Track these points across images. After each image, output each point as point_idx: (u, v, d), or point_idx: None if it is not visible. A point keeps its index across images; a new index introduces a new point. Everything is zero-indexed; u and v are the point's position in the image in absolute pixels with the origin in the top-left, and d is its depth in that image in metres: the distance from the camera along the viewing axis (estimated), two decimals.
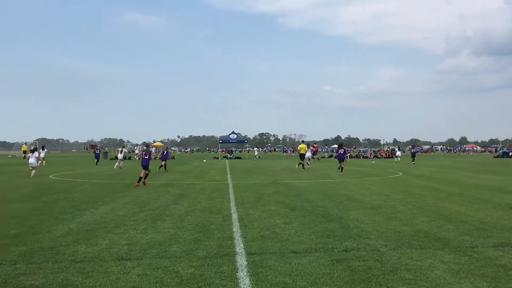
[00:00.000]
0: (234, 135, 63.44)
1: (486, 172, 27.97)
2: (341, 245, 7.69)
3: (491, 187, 17.93)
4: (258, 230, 8.99)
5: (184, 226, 9.49)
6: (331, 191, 16.25)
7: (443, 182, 20.51)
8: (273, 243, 7.82)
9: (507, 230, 8.94)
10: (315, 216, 10.70)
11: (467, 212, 11.21)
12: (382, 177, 24.06)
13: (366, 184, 19.48)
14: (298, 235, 8.50)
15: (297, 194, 15.26)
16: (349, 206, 12.42)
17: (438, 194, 15.24)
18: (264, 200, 13.68)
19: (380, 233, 8.64)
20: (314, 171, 29.92)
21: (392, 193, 15.56)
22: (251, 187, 17.93)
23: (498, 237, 8.27)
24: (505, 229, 9.00)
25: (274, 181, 20.80)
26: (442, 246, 7.59)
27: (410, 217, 10.48)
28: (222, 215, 10.85)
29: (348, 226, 9.36)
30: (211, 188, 17.57)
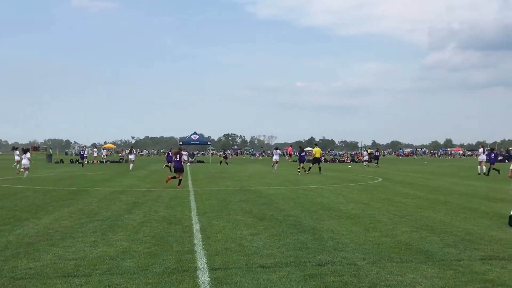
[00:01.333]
0: (196, 136, 63.18)
1: (473, 178, 28.56)
2: (315, 258, 7.74)
3: (479, 194, 18.32)
4: (222, 242, 8.98)
5: (138, 238, 9.40)
6: (304, 199, 16.34)
7: (426, 189, 20.86)
8: (239, 257, 7.81)
9: (495, 241, 9.14)
10: (286, 226, 10.74)
11: (452, 222, 11.42)
12: (360, 183, 24.32)
13: (342, 191, 19.66)
14: (267, 247, 8.52)
15: (266, 202, 15.29)
16: (324, 215, 12.51)
17: (421, 202, 15.49)
18: (229, 209, 13.67)
19: (357, 245, 8.73)
20: (286, 176, 30.05)
21: (371, 201, 15.75)
22: (215, 195, 17.89)
23: (485, 250, 8.44)
24: (493, 241, 9.20)
25: (241, 188, 20.80)
26: (425, 260, 7.71)
27: (390, 228, 10.62)
28: (182, 226, 10.79)
29: (323, 238, 9.42)
30: (169, 196, 17.47)
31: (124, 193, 18.64)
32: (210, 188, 21.07)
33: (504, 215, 12.58)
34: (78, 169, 40.32)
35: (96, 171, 37.13)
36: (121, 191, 19.30)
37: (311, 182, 24.47)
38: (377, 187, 21.94)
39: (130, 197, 17.08)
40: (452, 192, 19.14)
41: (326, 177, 28.95)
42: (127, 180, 26.05)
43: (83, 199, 16.30)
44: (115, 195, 17.87)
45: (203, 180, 26.75)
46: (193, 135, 63.18)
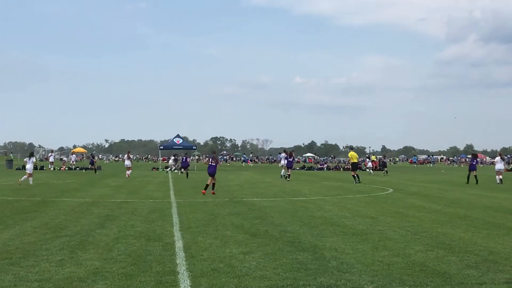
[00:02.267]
0: (180, 140, 63.22)
1: (498, 190, 28.68)
2: (315, 281, 7.74)
3: (503, 208, 18.40)
4: (209, 262, 8.96)
5: (112, 257, 9.38)
6: (303, 212, 16.36)
7: (443, 201, 20.92)
8: (228, 279, 7.80)
9: None
10: (282, 244, 10.74)
11: (474, 240, 11.45)
12: (367, 194, 24.37)
13: (347, 203, 19.70)
14: (261, 268, 8.51)
15: (259, 216, 15.30)
16: (326, 231, 12.52)
17: (438, 217, 15.53)
18: (217, 223, 13.67)
19: (364, 266, 8.73)
20: (282, 186, 30.06)
21: (380, 215, 15.78)
22: (201, 207, 17.88)
23: (511, 272, 8.47)
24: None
25: (231, 199, 20.80)
26: (442, 283, 7.72)
27: (402, 246, 10.64)
28: (163, 243, 10.77)
29: (324, 257, 9.43)
30: (148, 208, 17.45)
31: (95, 204, 18.60)
32: (196, 199, 21.05)
33: None
34: (44, 176, 40.20)
35: (64, 179, 37.06)
36: (92, 202, 19.25)
37: (311, 193, 24.49)
38: (387, 199, 21.98)
39: (102, 209, 17.04)
40: (473, 206, 19.20)
41: (328, 188, 29.00)
42: (100, 190, 25.99)
43: (49, 211, 16.25)
44: (86, 206, 17.82)
45: (187, 190, 26.73)
46: (175, 139, 63.22)
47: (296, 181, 36.15)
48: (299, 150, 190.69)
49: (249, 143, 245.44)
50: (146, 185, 30.30)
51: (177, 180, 36.87)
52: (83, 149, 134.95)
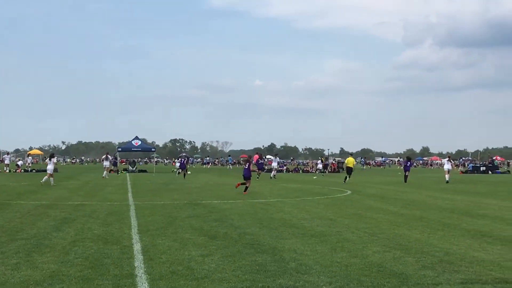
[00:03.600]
0: (138, 142, 62.71)
1: (453, 191, 29.15)
2: (274, 283, 7.76)
3: (458, 209, 18.71)
4: (167, 264, 8.93)
5: (69, 260, 9.28)
6: (262, 214, 16.40)
7: (400, 203, 21.19)
8: (187, 282, 7.78)
9: (477, 263, 9.34)
10: (241, 246, 10.75)
11: (430, 241, 11.63)
12: (326, 196, 24.53)
13: (306, 205, 19.80)
14: (220, 270, 8.51)
15: (219, 218, 15.28)
16: (285, 233, 12.57)
17: (395, 218, 15.73)
18: (176, 226, 13.61)
19: (323, 267, 8.79)
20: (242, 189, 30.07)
21: (338, 217, 15.90)
22: (159, 209, 17.79)
23: (466, 272, 8.61)
24: (474, 262, 9.40)
25: (191, 202, 20.74)
26: (399, 283, 7.82)
27: (360, 247, 10.74)
28: (121, 246, 10.69)
29: (284, 259, 9.46)
30: (106, 211, 17.29)
31: (52, 207, 18.35)
32: (154, 201, 20.93)
33: (486, 233, 12.90)
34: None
35: (19, 181, 36.45)
36: (48, 205, 18.99)
37: (270, 195, 24.56)
38: (345, 201, 22.16)
39: (59, 212, 16.82)
40: (429, 207, 19.49)
41: (288, 190, 29.10)
42: (56, 192, 25.64)
43: (4, 214, 15.99)
44: (42, 209, 17.57)
45: (145, 192, 26.55)
46: (134, 141, 62.68)
47: (255, 183, 36.21)
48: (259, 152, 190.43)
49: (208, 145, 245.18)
50: (104, 188, 30.00)
51: (135, 182, 36.59)
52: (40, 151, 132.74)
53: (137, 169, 62.75)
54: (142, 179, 41.47)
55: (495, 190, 31.40)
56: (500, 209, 18.81)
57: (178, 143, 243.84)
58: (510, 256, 9.98)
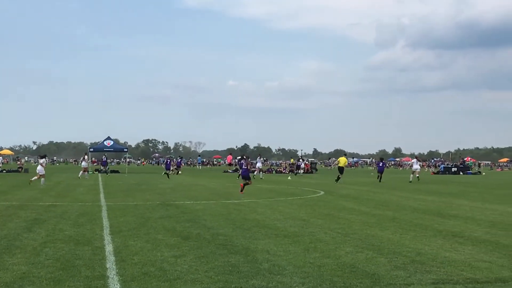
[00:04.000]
0: (110, 142, 62.35)
1: (425, 192, 29.41)
2: (247, 284, 7.76)
3: (430, 210, 18.88)
4: (140, 266, 8.89)
5: (40, 261, 9.19)
6: (235, 215, 16.39)
7: (373, 203, 21.33)
8: (159, 283, 7.75)
9: (448, 263, 9.44)
10: (214, 247, 10.74)
11: (402, 241, 11.72)
12: (299, 197, 24.60)
13: (279, 206, 19.83)
14: (193, 271, 8.49)
15: (192, 219, 15.24)
16: (258, 233, 12.58)
17: (367, 219, 15.82)
18: (149, 227, 13.55)
19: (296, 268, 8.81)
20: (215, 189, 30.06)
21: (311, 218, 15.95)
22: (131, 210, 17.69)
23: (437, 272, 8.70)
24: (446, 262, 9.49)
25: (163, 202, 20.66)
26: (372, 284, 7.87)
27: (333, 248, 10.79)
28: (92, 247, 10.62)
29: (257, 260, 9.47)
30: (77, 212, 17.14)
31: (23, 208, 18.16)
32: (126, 202, 20.82)
33: (457, 233, 13.04)
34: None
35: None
36: (19, 206, 18.79)
37: (244, 196, 24.56)
38: (318, 201, 22.24)
39: (30, 212, 16.65)
40: (401, 208, 19.64)
41: (261, 190, 29.12)
42: (27, 193, 25.36)
43: None
44: (12, 210, 17.38)
45: (118, 193, 26.38)
46: (106, 141, 62.32)
47: (229, 183, 36.20)
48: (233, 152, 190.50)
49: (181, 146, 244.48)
50: (75, 188, 29.76)
51: (107, 183, 36.35)
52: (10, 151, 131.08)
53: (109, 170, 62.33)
54: (114, 180, 41.20)
55: (466, 190, 31.75)
56: (471, 210, 19.02)
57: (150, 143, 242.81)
58: (481, 256, 10.10)
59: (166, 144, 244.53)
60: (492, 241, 11.86)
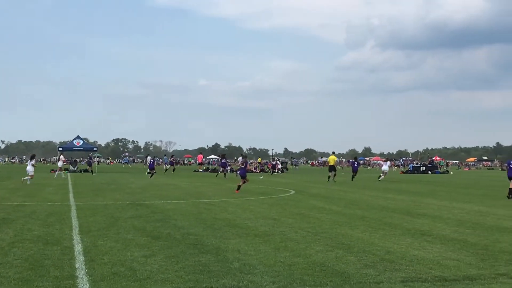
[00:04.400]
0: (80, 141, 61.84)
1: (394, 191, 29.68)
2: (218, 283, 7.76)
3: (399, 209, 19.05)
4: (109, 265, 8.83)
5: (8, 261, 9.09)
6: (206, 215, 16.36)
7: (343, 202, 21.45)
8: (129, 283, 7.71)
9: (417, 261, 9.54)
10: (185, 246, 10.71)
11: (371, 240, 11.81)
12: (270, 196, 24.64)
13: (250, 205, 19.85)
14: (163, 271, 8.46)
15: (162, 219, 15.18)
16: (229, 233, 12.58)
17: (337, 218, 15.91)
18: (118, 227, 13.47)
19: (266, 267, 8.83)
20: (186, 189, 29.96)
21: (282, 217, 15.99)
22: (101, 210, 17.56)
23: (406, 271, 8.78)
24: (415, 261, 9.59)
25: (133, 202, 20.54)
26: (342, 282, 7.92)
27: (303, 247, 10.83)
28: (61, 247, 10.52)
29: (227, 259, 9.47)
30: (46, 211, 16.97)
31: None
32: (96, 202, 20.65)
33: (426, 232, 13.17)
34: None
35: None
36: None
37: (214, 195, 24.53)
38: (289, 200, 22.30)
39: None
40: (371, 207, 19.79)
41: (232, 190, 29.10)
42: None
43: None
44: None
45: (87, 192, 26.15)
46: (76, 140, 61.80)
47: (199, 183, 36.13)
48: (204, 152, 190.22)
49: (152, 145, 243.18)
50: (44, 188, 29.43)
51: (77, 182, 36.02)
52: None
53: (78, 169, 61.80)
54: (84, 180, 40.84)
55: (434, 189, 32.10)
56: (439, 209, 19.24)
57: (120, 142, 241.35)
58: (449, 254, 10.23)
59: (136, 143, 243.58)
60: (460, 240, 12.02)
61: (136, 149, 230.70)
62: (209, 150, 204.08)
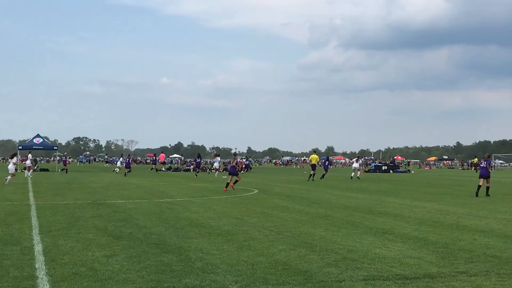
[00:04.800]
0: (39, 140, 61.02)
1: (356, 190, 29.94)
2: (180, 283, 7.73)
3: (361, 208, 19.22)
4: (70, 266, 8.73)
5: None
6: (169, 214, 16.29)
7: (306, 201, 21.56)
8: (90, 283, 7.63)
9: (378, 260, 9.63)
10: (147, 246, 10.65)
11: (334, 239, 11.89)
12: (233, 195, 24.62)
13: (213, 204, 19.82)
14: (125, 271, 8.40)
15: (124, 218, 15.08)
16: (192, 232, 12.54)
17: (300, 217, 15.99)
18: (79, 226, 13.33)
19: (229, 266, 8.83)
20: (148, 188, 29.81)
21: (245, 216, 16.00)
22: (62, 209, 17.36)
23: (368, 269, 8.86)
24: (376, 259, 9.68)
25: (94, 201, 20.34)
26: (304, 281, 7.95)
27: (266, 246, 10.85)
28: (21, 247, 10.38)
29: (190, 259, 9.44)
30: (5, 211, 16.73)
31: None
32: (56, 201, 20.41)
33: (387, 230, 13.32)
34: None
35: None
36: None
37: (177, 194, 24.44)
38: (252, 199, 22.33)
39: None
40: (333, 205, 19.92)
41: (195, 189, 29.05)
42: None
43: None
44: None
45: (47, 192, 25.85)
46: (35, 139, 61.00)
47: (162, 182, 35.96)
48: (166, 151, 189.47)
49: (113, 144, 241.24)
50: (3, 187, 28.96)
51: (37, 181, 35.54)
52: None
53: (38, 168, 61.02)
54: (43, 179, 40.32)
55: (396, 188, 32.47)
56: (400, 207, 19.46)
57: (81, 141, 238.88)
58: (410, 253, 10.35)
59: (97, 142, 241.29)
60: (421, 238, 12.18)
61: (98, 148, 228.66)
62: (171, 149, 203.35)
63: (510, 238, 12.30)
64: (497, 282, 8.10)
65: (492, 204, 21.06)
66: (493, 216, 16.75)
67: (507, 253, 10.41)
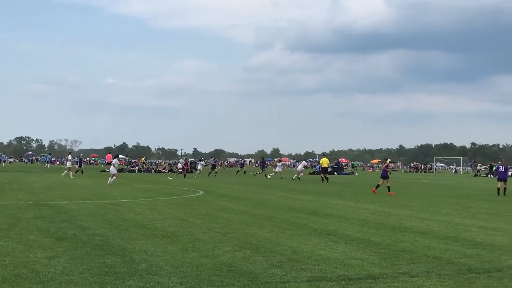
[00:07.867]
0: None
1: (301, 192, 30.17)
2: (124, 284, 7.68)
3: (306, 209, 19.38)
4: (11, 267, 8.59)
5: None
6: (112, 215, 16.12)
7: (251, 203, 21.62)
8: (31, 285, 7.52)
9: (323, 261, 9.75)
10: (90, 247, 10.53)
11: (278, 240, 11.97)
12: (178, 196, 24.54)
13: (158, 205, 19.70)
14: (67, 273, 8.29)
15: (67, 219, 14.86)
16: (136, 234, 12.45)
17: (246, 218, 16.04)
18: (21, 227, 13.08)
19: (174, 268, 8.80)
20: (92, 189, 29.42)
21: (190, 217, 15.96)
22: (2, 210, 17.00)
23: (312, 270, 8.96)
24: (320, 260, 9.80)
25: (36, 202, 19.97)
26: (249, 282, 7.99)
27: (211, 247, 10.86)
28: None
29: (134, 260, 9.38)
30: None
31: None
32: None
33: (331, 231, 13.48)
34: None
35: None
36: None
37: (121, 196, 24.19)
38: (197, 201, 22.28)
39: None
40: (278, 207, 20.04)
41: (139, 190, 28.81)
42: None
43: None
44: None
45: None
46: None
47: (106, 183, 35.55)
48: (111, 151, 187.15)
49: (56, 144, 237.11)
50: None
51: None
52: None
53: None
54: None
55: (340, 190, 32.85)
56: (344, 209, 19.72)
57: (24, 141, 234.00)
58: (353, 254, 10.51)
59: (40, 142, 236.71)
60: (364, 239, 12.37)
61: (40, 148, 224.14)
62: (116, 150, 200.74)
63: (450, 240, 12.63)
64: (437, 282, 8.31)
65: (433, 207, 21.55)
66: (434, 218, 17.14)
67: (447, 254, 10.68)
